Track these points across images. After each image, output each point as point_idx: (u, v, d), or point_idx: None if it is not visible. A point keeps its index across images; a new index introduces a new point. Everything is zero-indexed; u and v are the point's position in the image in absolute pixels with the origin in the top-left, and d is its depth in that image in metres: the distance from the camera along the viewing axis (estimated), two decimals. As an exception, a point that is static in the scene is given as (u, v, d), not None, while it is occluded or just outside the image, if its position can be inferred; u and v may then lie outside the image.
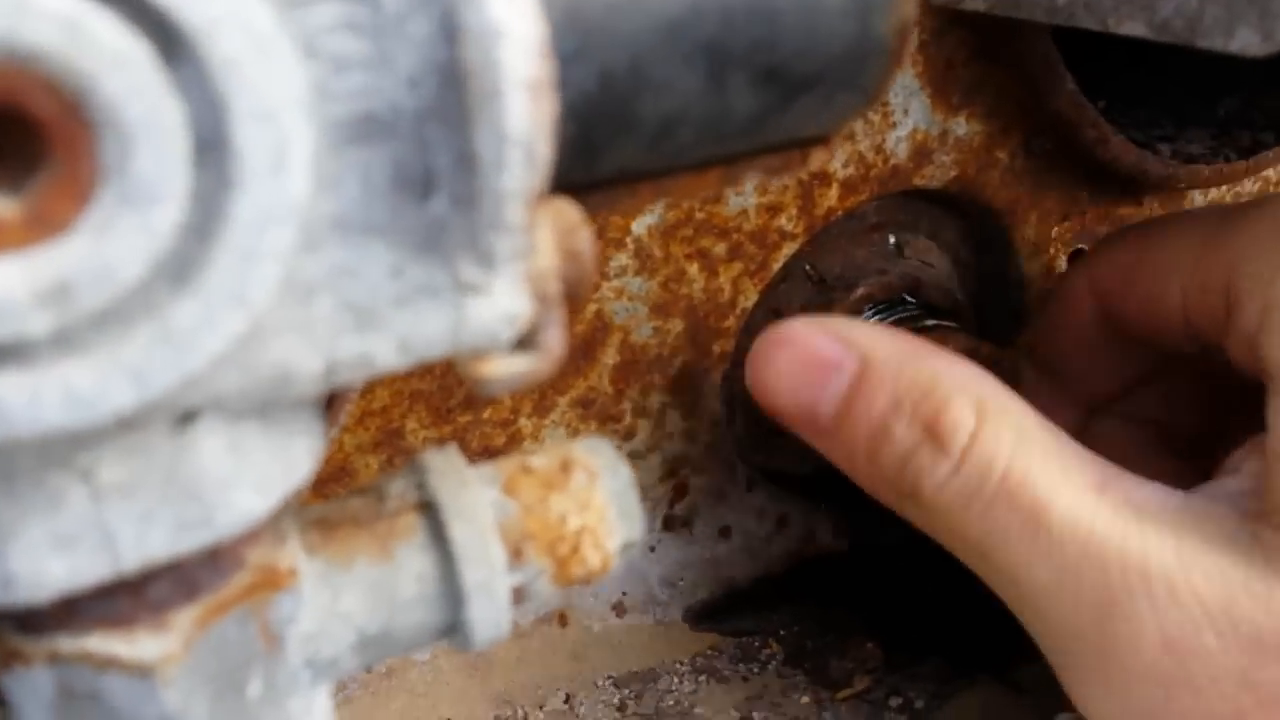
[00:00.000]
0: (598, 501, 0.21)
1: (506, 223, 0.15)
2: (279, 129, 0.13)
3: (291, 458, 0.18)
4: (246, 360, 0.15)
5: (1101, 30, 0.32)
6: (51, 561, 0.17)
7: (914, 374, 0.32)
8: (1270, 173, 0.49)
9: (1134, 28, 0.31)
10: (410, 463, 0.21)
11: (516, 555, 0.21)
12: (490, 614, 0.21)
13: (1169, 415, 0.39)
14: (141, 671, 0.18)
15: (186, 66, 0.13)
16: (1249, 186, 0.49)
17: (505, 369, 0.17)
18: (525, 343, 0.17)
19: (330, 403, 0.30)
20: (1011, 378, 0.39)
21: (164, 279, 0.14)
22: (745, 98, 0.17)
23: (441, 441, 0.36)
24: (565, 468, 0.21)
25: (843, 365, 0.32)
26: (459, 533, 0.20)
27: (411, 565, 0.20)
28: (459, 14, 0.14)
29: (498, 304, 0.16)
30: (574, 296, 0.18)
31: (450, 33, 0.14)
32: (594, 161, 0.17)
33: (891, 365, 0.32)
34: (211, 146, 0.13)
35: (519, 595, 0.21)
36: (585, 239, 0.17)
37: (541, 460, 0.21)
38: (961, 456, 0.30)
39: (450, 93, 0.15)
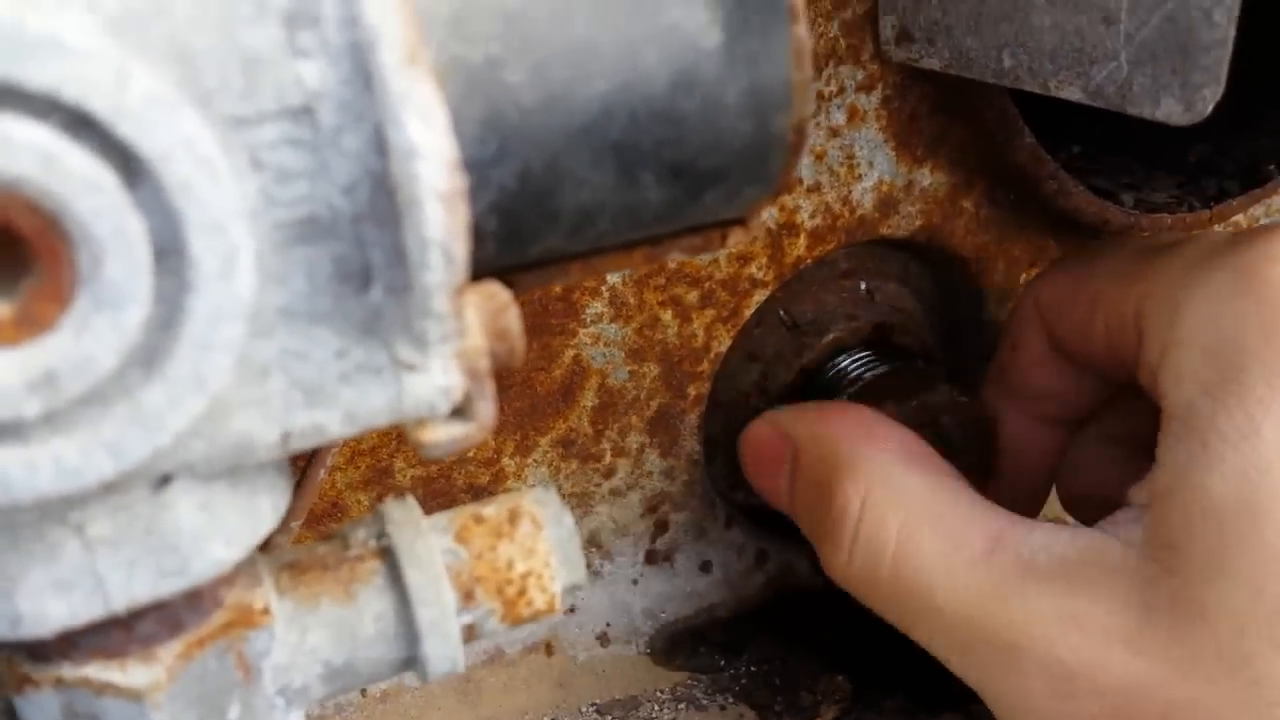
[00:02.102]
0: (542, 549, 0.23)
1: (435, 311, 0.17)
2: (227, 238, 0.15)
3: (257, 513, 0.20)
4: (211, 432, 0.18)
5: (1043, 93, 0.34)
6: (52, 603, 0.19)
7: (822, 465, 0.35)
8: (1240, 218, 0.51)
9: (1071, 92, 0.33)
10: (373, 512, 0.24)
11: (468, 597, 0.23)
12: (443, 650, 0.23)
13: (1140, 433, 0.40)
14: (133, 696, 0.21)
15: (146, 188, 0.15)
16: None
17: (443, 435, 0.19)
18: (461, 412, 0.19)
19: (315, 450, 0.33)
20: (978, 422, 0.41)
21: (135, 367, 0.16)
22: (656, 191, 0.19)
23: (429, 479, 0.39)
24: (513, 518, 0.23)
25: (785, 457, 0.37)
26: (413, 577, 0.22)
27: (372, 606, 0.23)
28: (384, 131, 0.16)
29: (433, 379, 0.18)
30: (507, 368, 0.20)
31: (379, 146, 0.16)
32: (522, 249, 0.20)
33: (809, 456, 0.36)
34: (170, 255, 0.15)
35: (471, 633, 0.23)
36: (514, 319, 0.19)
37: (492, 510, 0.24)
38: (850, 548, 0.33)
39: (381, 198, 0.17)
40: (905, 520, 0.33)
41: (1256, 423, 0.28)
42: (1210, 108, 0.30)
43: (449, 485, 0.39)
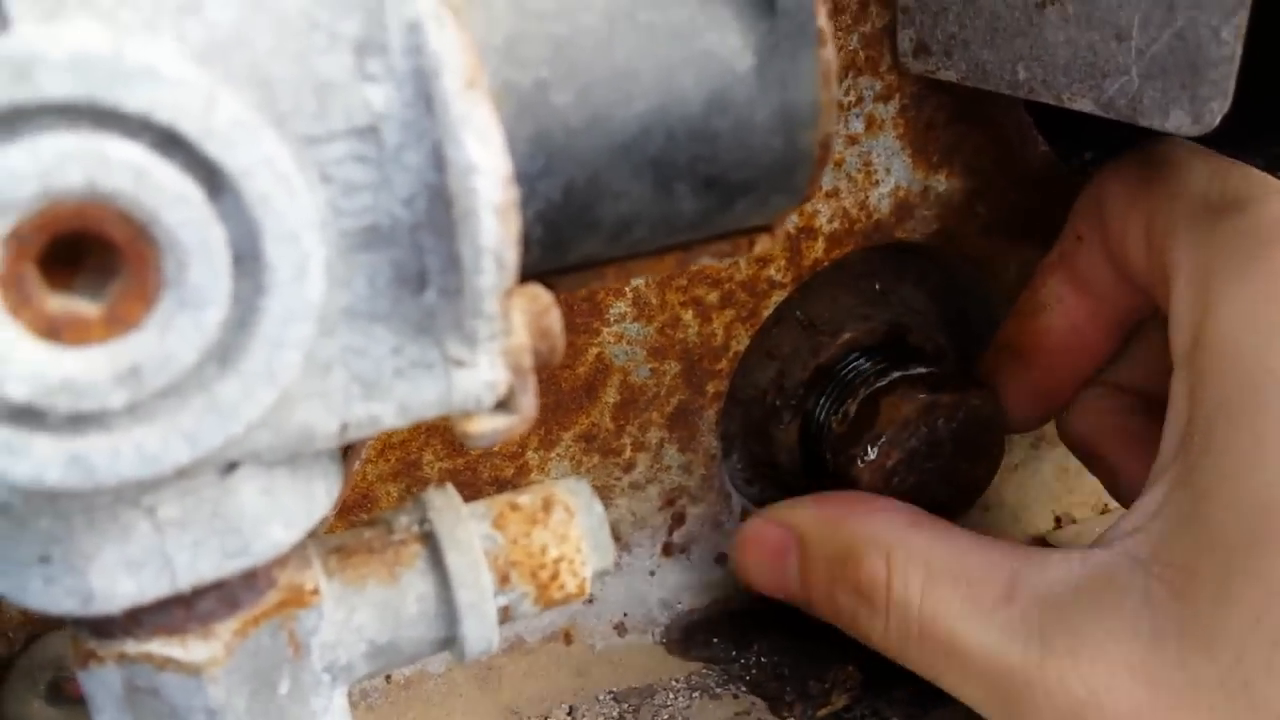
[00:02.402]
0: (574, 535, 0.25)
1: (485, 312, 0.19)
2: (301, 246, 0.17)
3: (313, 498, 0.21)
4: (277, 423, 0.19)
5: (1057, 104, 0.36)
6: (123, 581, 0.20)
7: (835, 542, 0.37)
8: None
9: (1084, 104, 0.35)
10: (415, 499, 0.25)
11: (503, 580, 0.24)
12: (481, 630, 0.24)
13: (1149, 382, 0.40)
14: (192, 671, 0.22)
15: (228, 200, 0.16)
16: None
17: (488, 427, 0.20)
18: (504, 405, 0.20)
19: (350, 445, 0.34)
20: (980, 416, 0.42)
21: (212, 362, 0.17)
22: (690, 202, 0.21)
23: (455, 472, 0.40)
24: (547, 505, 0.25)
25: (789, 548, 0.38)
26: (454, 561, 0.24)
27: (414, 587, 0.24)
28: (444, 149, 0.18)
29: (481, 375, 0.20)
30: (547, 365, 0.21)
31: (438, 162, 0.18)
32: (564, 254, 0.21)
33: (820, 537, 0.38)
34: (248, 260, 0.17)
35: (506, 614, 0.25)
36: (555, 319, 0.20)
37: (527, 499, 0.25)
38: (886, 609, 0.35)
39: (438, 208, 0.18)
40: (926, 576, 0.34)
41: (1269, 452, 0.29)
42: (1218, 120, 0.31)
43: (475, 478, 0.41)
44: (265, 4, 0.16)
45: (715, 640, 0.45)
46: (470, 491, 0.41)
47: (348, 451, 0.34)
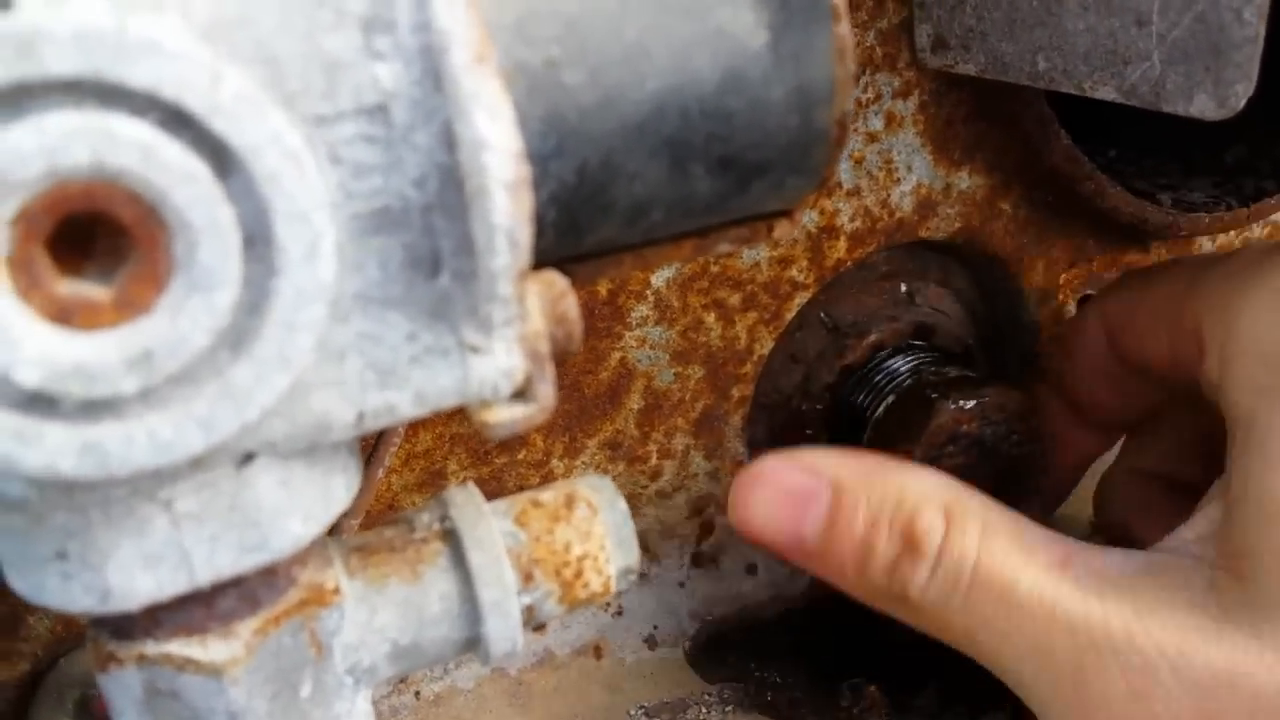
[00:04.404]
0: (598, 532, 0.24)
1: (500, 295, 0.18)
2: (311, 225, 0.17)
3: (332, 491, 0.21)
4: (292, 412, 0.19)
5: (1078, 94, 0.35)
6: (140, 576, 0.20)
7: (883, 490, 0.35)
8: (1278, 217, 0.51)
9: (1106, 92, 0.34)
10: (436, 497, 0.25)
11: (527, 578, 0.24)
12: (505, 630, 0.24)
13: (1172, 466, 0.42)
14: (213, 672, 0.22)
15: (237, 179, 0.16)
16: (1257, 231, 0.51)
17: (506, 416, 0.20)
18: (522, 394, 0.20)
19: (376, 445, 0.34)
20: (1026, 418, 0.41)
21: (225, 347, 0.17)
22: (706, 183, 0.21)
23: (481, 481, 0.40)
24: (569, 502, 0.24)
25: (818, 494, 0.35)
26: (476, 558, 0.23)
27: (437, 586, 0.24)
28: (454, 128, 0.17)
29: (497, 362, 0.19)
30: (565, 353, 0.21)
31: (448, 141, 0.18)
32: (579, 239, 0.21)
33: (861, 485, 0.35)
34: (259, 241, 0.17)
35: (531, 614, 0.24)
36: (572, 305, 0.20)
37: (549, 495, 0.25)
38: (938, 558, 0.33)
39: (450, 189, 0.18)
40: (984, 533, 0.33)
41: None
42: (1242, 103, 0.30)
43: (500, 487, 0.40)
44: (271, -17, 0.16)
45: (732, 658, 0.44)
46: (495, 502, 0.40)
47: (370, 460, 0.34)
